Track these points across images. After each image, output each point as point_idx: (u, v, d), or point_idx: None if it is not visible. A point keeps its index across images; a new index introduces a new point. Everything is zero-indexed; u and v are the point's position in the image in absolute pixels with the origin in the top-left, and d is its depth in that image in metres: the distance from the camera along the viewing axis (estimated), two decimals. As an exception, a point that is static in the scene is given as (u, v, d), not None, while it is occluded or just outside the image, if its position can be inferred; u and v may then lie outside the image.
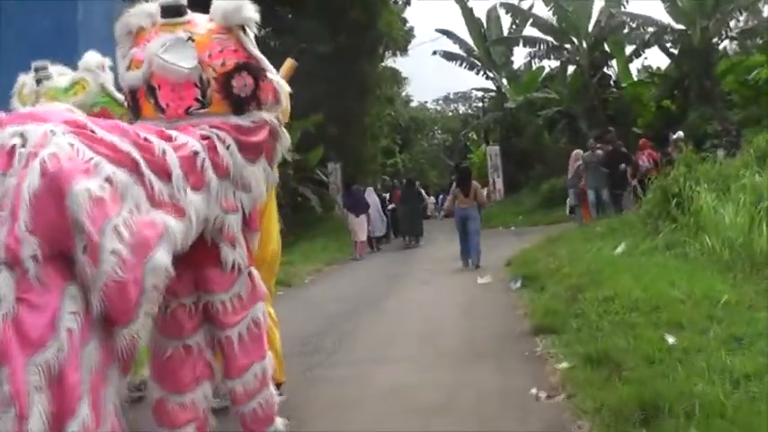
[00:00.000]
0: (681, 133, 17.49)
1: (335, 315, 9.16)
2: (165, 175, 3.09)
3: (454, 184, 14.07)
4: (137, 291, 2.77)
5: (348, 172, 30.27)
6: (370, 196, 21.04)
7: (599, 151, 16.89)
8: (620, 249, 10.54)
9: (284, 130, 3.85)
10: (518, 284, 9.65)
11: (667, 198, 11.51)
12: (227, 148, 3.44)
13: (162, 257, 2.88)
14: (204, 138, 3.38)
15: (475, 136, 42.17)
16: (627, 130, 25.72)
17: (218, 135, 3.43)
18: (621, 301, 6.46)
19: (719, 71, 25.32)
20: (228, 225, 3.48)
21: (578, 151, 18.10)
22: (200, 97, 3.49)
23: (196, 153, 3.28)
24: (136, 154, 2.99)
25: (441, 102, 61.43)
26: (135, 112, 3.68)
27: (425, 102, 60.75)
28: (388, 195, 25.02)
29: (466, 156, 41.22)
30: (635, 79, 29.20)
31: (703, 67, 24.51)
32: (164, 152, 3.12)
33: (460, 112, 58.84)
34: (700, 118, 22.74)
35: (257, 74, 3.60)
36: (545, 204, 24.39)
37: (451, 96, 59.99)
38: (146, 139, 3.11)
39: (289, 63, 4.95)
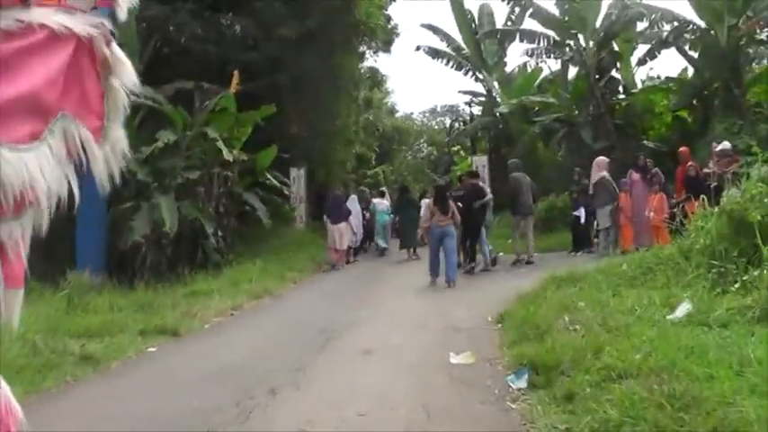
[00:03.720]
0: (727, 143, 13.64)
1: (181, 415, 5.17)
2: None
3: (430, 201, 13.67)
4: None
5: (316, 179, 26.75)
6: (353, 204, 20.09)
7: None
8: (680, 313, 6.62)
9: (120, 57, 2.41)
10: (521, 382, 5.50)
11: (739, 230, 7.70)
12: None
13: None
14: None
15: (462, 151, 38.26)
16: (636, 142, 22.13)
17: None
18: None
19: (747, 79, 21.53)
20: None
21: (603, 158, 14.41)
22: None
23: None
24: None
25: (427, 114, 58.48)
26: None
27: (411, 113, 58.38)
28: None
29: (449, 169, 37.26)
30: (641, 85, 25.30)
31: (731, 73, 20.66)
32: None
33: (447, 125, 55.56)
34: (726, 131, 18.81)
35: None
36: (541, 227, 20.34)
37: (438, 109, 56.92)
38: None
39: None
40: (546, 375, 5.34)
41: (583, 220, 16.25)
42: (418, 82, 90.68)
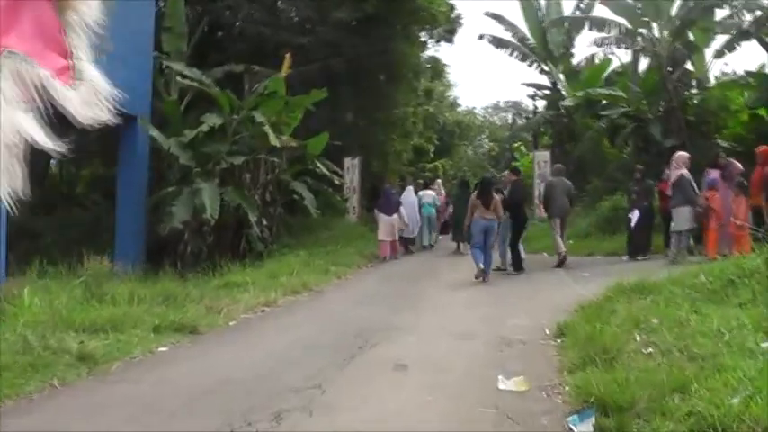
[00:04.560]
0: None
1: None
2: None
3: (474, 194, 13.47)
4: None
5: (371, 170, 25.90)
6: (409, 195, 19.72)
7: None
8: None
9: None
10: (585, 425, 4.39)
11: None
12: None
13: None
14: None
15: (523, 147, 36.94)
16: (709, 141, 20.65)
17: None
18: None
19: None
20: None
21: (684, 154, 13.33)
22: None
23: None
24: None
25: (490, 109, 57.49)
26: None
27: (473, 108, 57.34)
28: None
29: (510, 165, 36.03)
30: (716, 80, 23.70)
31: (819, 67, 19.14)
32: None
33: (510, 121, 54.47)
34: (814, 131, 17.34)
35: None
36: (603, 227, 19.12)
37: (501, 105, 55.79)
38: None
39: None
40: (617, 418, 4.25)
41: (633, 224, 14.99)
42: (482, 76, 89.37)
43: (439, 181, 24.60)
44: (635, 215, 14.97)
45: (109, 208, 16.10)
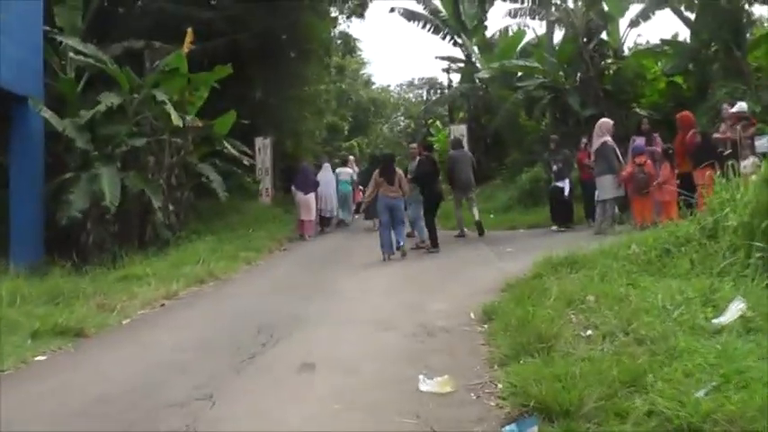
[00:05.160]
0: (743, 104, 11.88)
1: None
2: None
3: (377, 172, 12.92)
4: None
5: (284, 150, 24.96)
6: (326, 173, 19.31)
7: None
8: (731, 315, 4.90)
9: None
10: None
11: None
12: None
13: None
14: None
15: (439, 123, 36.43)
16: (627, 110, 20.49)
17: None
18: None
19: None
20: None
21: (607, 121, 12.95)
22: None
23: None
24: None
25: (404, 86, 57.16)
26: None
27: (388, 85, 57.73)
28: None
29: (426, 141, 35.44)
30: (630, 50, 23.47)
31: (732, 34, 18.90)
32: None
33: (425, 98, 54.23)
34: (728, 96, 17.06)
35: None
36: (524, 200, 18.71)
37: (416, 82, 55.45)
38: None
39: None
40: (564, 424, 3.51)
41: (567, 193, 14.57)
42: (396, 53, 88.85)
43: (352, 158, 23.81)
44: (566, 184, 14.53)
45: (3, 198, 14.75)
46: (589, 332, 5.10)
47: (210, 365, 5.51)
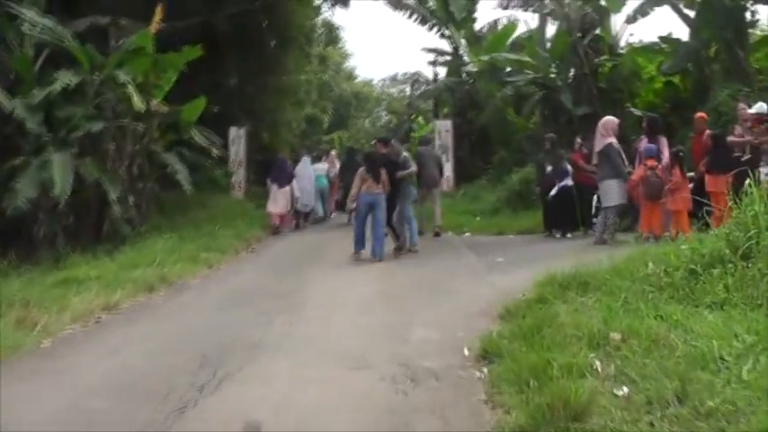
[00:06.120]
0: (764, 105, 10.73)
1: None
2: None
3: (363, 168, 12.46)
4: None
5: (261, 142, 23.74)
6: (306, 167, 18.66)
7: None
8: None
9: None
10: None
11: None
12: None
13: None
14: None
15: (421, 119, 35.26)
16: (622, 109, 19.36)
17: None
18: None
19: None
20: None
21: (612, 119, 11.76)
22: None
23: None
24: None
25: (388, 81, 55.75)
26: None
27: (372, 79, 55.13)
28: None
29: (408, 137, 34.23)
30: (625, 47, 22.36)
31: (734, 34, 17.87)
32: None
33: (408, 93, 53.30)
34: (731, 97, 15.99)
35: None
36: (513, 202, 17.40)
37: (399, 77, 54.33)
38: None
39: None
40: None
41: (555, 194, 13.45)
42: (381, 45, 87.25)
43: (333, 152, 22.64)
44: (568, 181, 13.45)
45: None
46: (624, 389, 3.88)
47: (122, 423, 4.20)
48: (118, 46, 15.21)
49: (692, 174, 11.35)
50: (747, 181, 7.04)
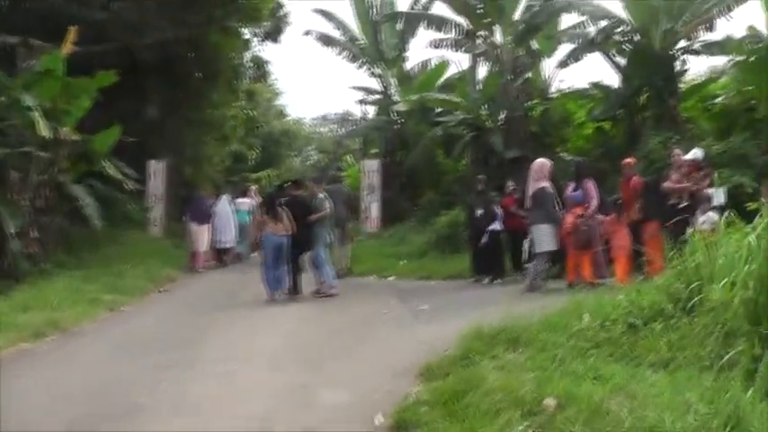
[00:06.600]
0: (699, 152, 10.50)
1: None
2: None
3: (262, 212, 12.78)
4: None
5: (183, 177, 22.86)
6: (224, 205, 18.20)
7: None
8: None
9: None
10: None
11: None
12: None
13: None
14: None
15: (349, 158, 34.83)
16: (552, 154, 18.96)
17: None
18: None
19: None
20: None
21: (545, 161, 11.38)
22: None
23: None
24: None
25: (318, 120, 55.66)
26: None
27: (303, 118, 55.56)
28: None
29: (337, 176, 33.76)
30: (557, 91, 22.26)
31: (665, 82, 17.88)
32: None
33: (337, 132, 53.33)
34: (662, 144, 15.82)
35: None
36: (441, 245, 16.82)
37: (330, 116, 54.33)
38: None
39: None
40: None
41: (486, 239, 12.93)
42: (311, 85, 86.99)
43: (254, 188, 21.99)
44: (497, 225, 13.04)
45: None
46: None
47: None
48: (26, 67, 14.37)
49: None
50: (690, 229, 6.60)
